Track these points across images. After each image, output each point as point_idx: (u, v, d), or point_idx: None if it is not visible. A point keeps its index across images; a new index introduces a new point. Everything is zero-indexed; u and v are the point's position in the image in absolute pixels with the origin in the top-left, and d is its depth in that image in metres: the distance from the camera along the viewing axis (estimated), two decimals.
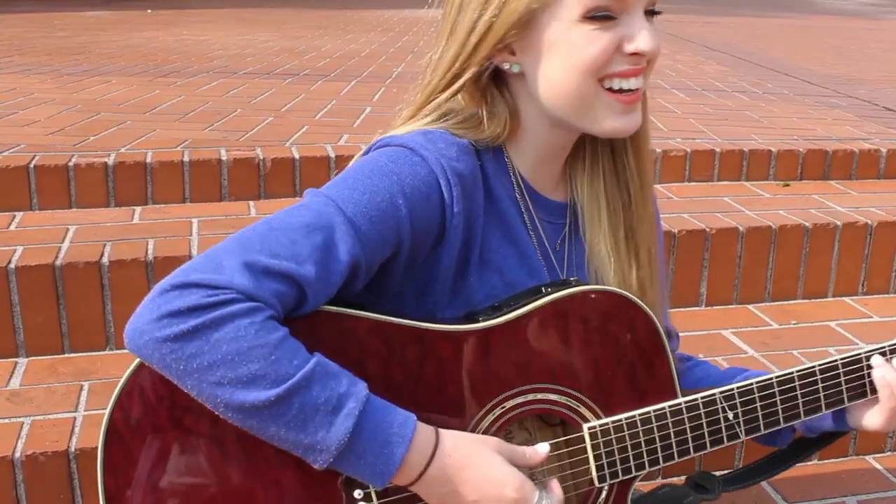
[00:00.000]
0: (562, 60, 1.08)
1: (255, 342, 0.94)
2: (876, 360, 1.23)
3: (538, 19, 1.08)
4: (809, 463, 1.99)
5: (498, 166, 1.17)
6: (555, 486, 1.09)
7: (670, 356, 1.18)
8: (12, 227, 2.25)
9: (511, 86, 1.16)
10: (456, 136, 1.13)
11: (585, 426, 1.13)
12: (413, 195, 1.07)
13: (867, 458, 2.03)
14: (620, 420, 1.14)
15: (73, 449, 1.62)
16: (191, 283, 0.95)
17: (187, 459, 1.02)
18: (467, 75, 1.12)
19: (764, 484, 1.86)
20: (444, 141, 1.11)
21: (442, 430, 1.03)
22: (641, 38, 1.07)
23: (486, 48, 1.10)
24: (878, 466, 2.00)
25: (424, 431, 1.02)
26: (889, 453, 2.04)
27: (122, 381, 1.01)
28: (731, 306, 2.39)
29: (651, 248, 1.26)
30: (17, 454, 1.61)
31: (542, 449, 1.09)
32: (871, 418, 1.25)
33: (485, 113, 1.15)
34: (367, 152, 1.15)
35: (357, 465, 0.99)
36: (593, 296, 1.14)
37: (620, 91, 1.09)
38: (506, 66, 1.13)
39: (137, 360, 0.99)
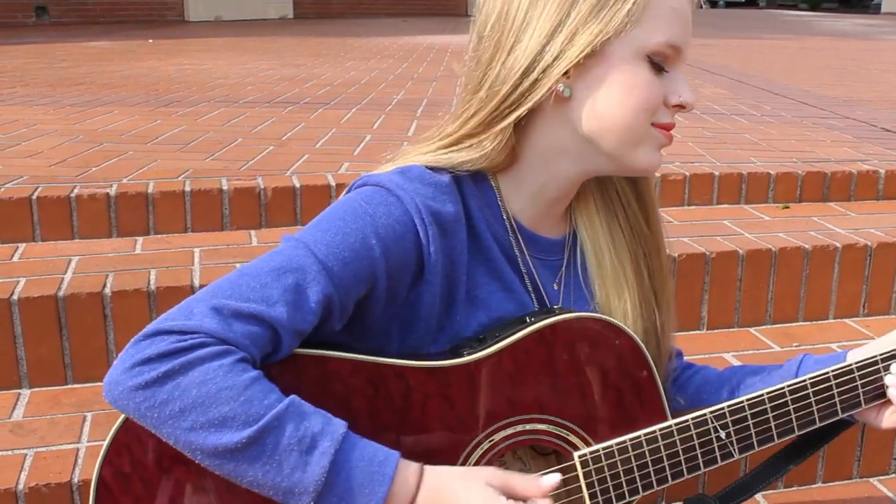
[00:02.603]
0: (620, 93, 1.11)
1: (223, 384, 0.94)
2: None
3: (606, 47, 1.10)
4: (813, 486, 1.99)
5: (484, 202, 1.17)
6: None
7: (658, 379, 1.18)
8: (15, 259, 2.26)
9: (536, 113, 1.13)
10: (437, 173, 1.12)
11: (576, 454, 1.12)
12: (387, 234, 1.07)
13: (872, 480, 2.02)
14: (611, 446, 1.13)
15: (76, 480, 1.62)
16: (162, 331, 0.96)
17: None
18: (544, 88, 1.10)
19: None
20: (422, 180, 1.11)
21: (427, 466, 1.02)
22: (686, 92, 1.16)
23: (556, 74, 1.10)
24: (884, 489, 1.99)
25: (407, 468, 1.00)
26: (894, 475, 2.04)
27: (109, 435, 1.00)
28: (732, 329, 2.39)
29: (669, 297, 1.28)
30: (21, 486, 1.61)
31: (549, 480, 1.06)
32: (890, 418, 1.21)
33: (494, 134, 1.12)
34: (348, 191, 1.15)
35: None
36: (577, 323, 1.14)
37: (664, 126, 1.15)
38: (559, 88, 1.11)
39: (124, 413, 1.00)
